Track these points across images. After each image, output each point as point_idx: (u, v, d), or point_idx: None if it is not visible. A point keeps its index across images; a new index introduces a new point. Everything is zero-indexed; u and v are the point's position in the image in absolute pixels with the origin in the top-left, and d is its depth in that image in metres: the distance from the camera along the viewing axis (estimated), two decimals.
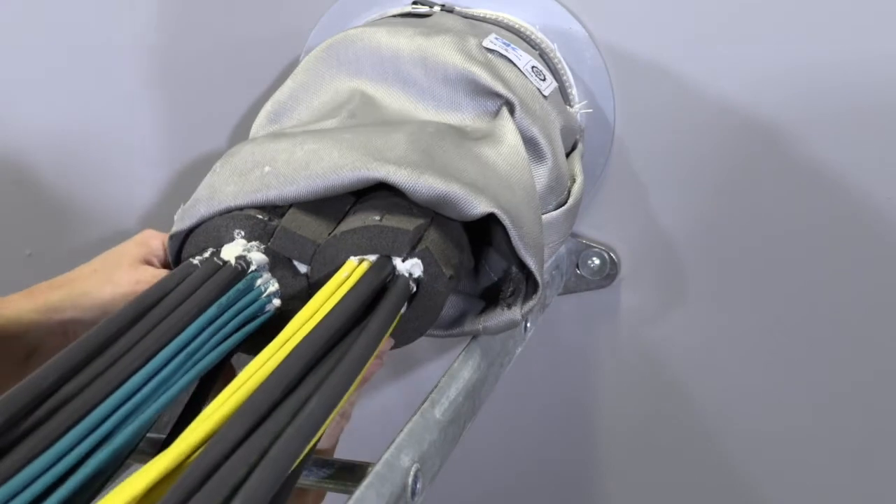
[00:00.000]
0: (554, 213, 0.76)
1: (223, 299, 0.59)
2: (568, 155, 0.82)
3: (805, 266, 0.91)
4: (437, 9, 0.87)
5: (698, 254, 0.93)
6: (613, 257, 0.94)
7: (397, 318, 0.62)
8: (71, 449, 0.47)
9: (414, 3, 0.89)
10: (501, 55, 0.79)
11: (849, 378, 0.93)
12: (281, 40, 0.97)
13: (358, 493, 0.52)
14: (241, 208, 0.65)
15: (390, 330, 0.61)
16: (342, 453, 0.69)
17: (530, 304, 0.68)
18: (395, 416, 0.61)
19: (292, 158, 0.66)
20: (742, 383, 0.95)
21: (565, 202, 0.78)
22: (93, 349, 0.52)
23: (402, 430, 0.58)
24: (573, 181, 0.80)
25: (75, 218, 1.07)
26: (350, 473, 0.57)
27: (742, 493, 0.98)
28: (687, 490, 1.00)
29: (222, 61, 0.99)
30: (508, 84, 0.75)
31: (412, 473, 0.55)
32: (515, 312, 0.68)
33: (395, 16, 0.88)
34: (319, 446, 0.68)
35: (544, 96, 0.79)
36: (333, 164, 0.64)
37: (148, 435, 0.57)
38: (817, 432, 0.95)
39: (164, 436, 0.59)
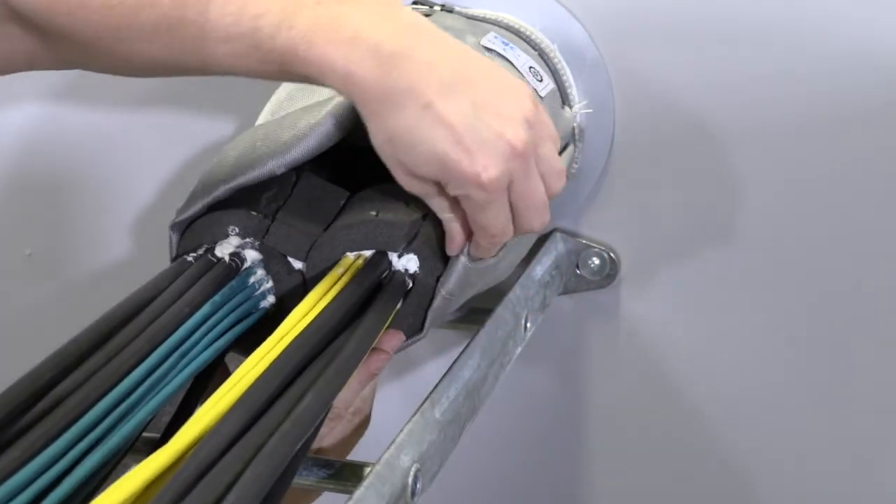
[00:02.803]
0: None
1: (217, 297, 0.59)
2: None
3: (806, 266, 0.91)
4: (437, 8, 0.87)
5: (699, 254, 0.93)
6: (613, 257, 0.94)
7: (392, 314, 0.62)
8: (67, 450, 0.47)
9: (414, 3, 0.89)
10: (500, 54, 0.79)
11: (851, 379, 0.93)
12: None
13: (358, 493, 0.52)
14: (238, 189, 0.64)
15: (385, 326, 0.61)
16: None
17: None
18: (395, 416, 0.61)
19: (282, 123, 0.65)
20: (743, 383, 0.95)
21: None
22: (86, 348, 0.52)
23: (402, 430, 0.58)
24: None
25: (75, 218, 1.07)
26: (350, 473, 0.57)
27: (743, 493, 0.98)
28: (687, 489, 1.00)
29: None
30: None
31: (412, 473, 0.56)
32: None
33: None
34: (325, 445, 0.68)
35: (540, 97, 0.79)
36: (320, 117, 0.63)
37: (143, 434, 0.57)
38: (818, 433, 0.95)
39: (158, 435, 0.59)
